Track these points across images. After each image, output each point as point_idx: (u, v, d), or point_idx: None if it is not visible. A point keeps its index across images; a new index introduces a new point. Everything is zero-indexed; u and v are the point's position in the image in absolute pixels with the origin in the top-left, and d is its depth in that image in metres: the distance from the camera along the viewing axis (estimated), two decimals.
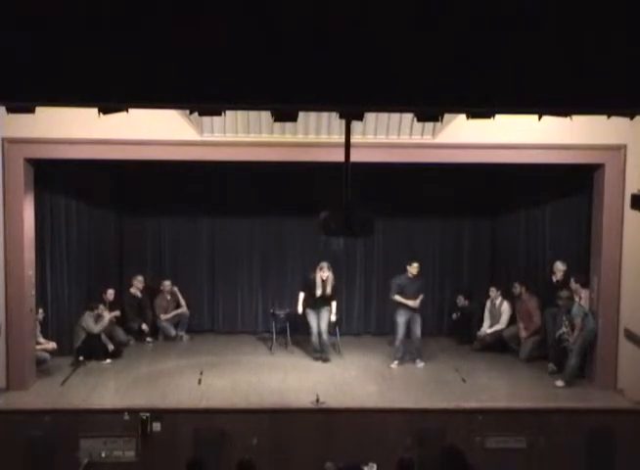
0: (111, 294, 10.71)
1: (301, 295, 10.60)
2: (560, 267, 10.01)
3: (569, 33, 4.16)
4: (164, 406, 8.54)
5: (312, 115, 8.43)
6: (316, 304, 10.50)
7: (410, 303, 10.10)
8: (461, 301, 11.39)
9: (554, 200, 10.58)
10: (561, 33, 4.17)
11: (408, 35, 4.15)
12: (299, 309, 10.59)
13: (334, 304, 10.58)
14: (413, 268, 10.21)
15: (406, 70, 4.22)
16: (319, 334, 10.40)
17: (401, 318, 10.16)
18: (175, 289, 11.41)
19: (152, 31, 4.11)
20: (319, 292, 10.45)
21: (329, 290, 10.49)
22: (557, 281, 10.04)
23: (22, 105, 5.76)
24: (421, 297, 10.23)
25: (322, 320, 10.43)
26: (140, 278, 11.20)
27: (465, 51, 4.17)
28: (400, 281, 10.23)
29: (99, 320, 10.17)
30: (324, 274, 10.43)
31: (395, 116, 8.51)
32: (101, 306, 10.31)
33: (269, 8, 4.09)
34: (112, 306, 10.60)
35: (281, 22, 4.11)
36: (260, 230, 11.77)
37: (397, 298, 10.18)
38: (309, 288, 10.52)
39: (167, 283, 11.36)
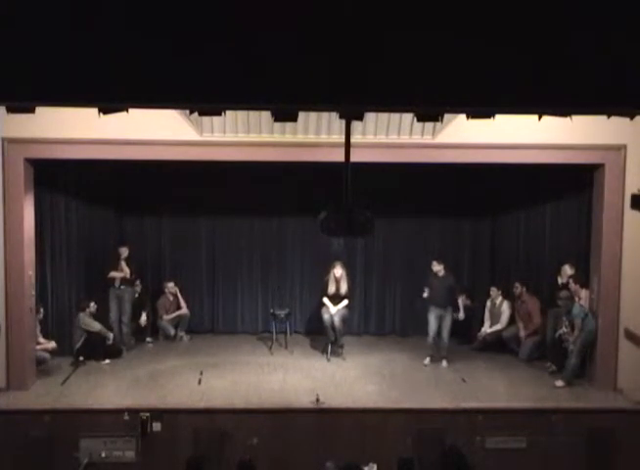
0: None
1: (325, 299, 10.70)
2: (568, 271, 9.98)
3: (568, 33, 4.16)
4: (164, 406, 8.54)
5: (312, 115, 8.43)
6: (332, 302, 10.63)
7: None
8: (463, 300, 11.38)
9: (554, 200, 10.58)
10: (560, 33, 4.17)
11: (408, 35, 4.15)
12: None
13: (345, 301, 10.67)
14: (434, 266, 10.39)
15: (406, 69, 4.22)
16: (332, 324, 10.50)
17: (430, 315, 10.32)
18: (176, 289, 11.42)
19: (152, 31, 4.11)
20: (332, 289, 10.62)
21: (343, 288, 10.65)
22: (562, 284, 10.02)
23: (22, 105, 5.76)
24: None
25: (335, 315, 10.53)
26: (137, 282, 11.17)
27: (465, 51, 4.18)
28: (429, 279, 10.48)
29: (92, 317, 10.20)
30: (337, 272, 10.62)
31: (395, 116, 8.51)
32: (91, 304, 10.29)
33: (269, 7, 4.09)
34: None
35: (281, 21, 4.11)
36: (260, 230, 11.78)
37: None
38: (325, 290, 10.72)
39: (171, 284, 11.36)
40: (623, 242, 9.10)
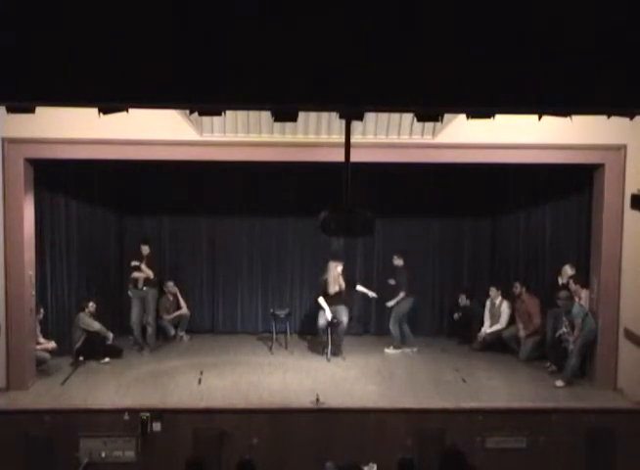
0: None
1: (321, 299, 10.64)
2: (568, 272, 9.97)
3: (568, 33, 4.17)
4: (164, 406, 8.54)
5: (312, 115, 8.43)
6: (331, 302, 10.60)
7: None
8: (463, 300, 11.39)
9: (554, 200, 10.58)
10: (561, 34, 4.17)
11: (408, 35, 4.15)
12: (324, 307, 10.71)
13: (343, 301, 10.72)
14: (394, 260, 10.97)
15: (406, 69, 4.22)
16: (327, 327, 10.45)
17: None
18: (176, 289, 11.42)
19: (152, 31, 4.11)
20: (336, 288, 10.60)
21: (342, 287, 10.69)
22: (562, 284, 10.01)
23: (22, 105, 5.76)
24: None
25: (341, 315, 10.54)
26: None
27: (465, 51, 4.18)
28: None
29: (93, 317, 10.20)
30: (339, 271, 10.64)
31: (395, 116, 8.51)
32: (91, 303, 10.28)
33: (268, 8, 4.09)
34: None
35: (281, 21, 4.11)
36: (260, 230, 11.77)
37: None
38: (325, 289, 10.66)
39: (171, 284, 11.36)
40: (623, 242, 9.09)
